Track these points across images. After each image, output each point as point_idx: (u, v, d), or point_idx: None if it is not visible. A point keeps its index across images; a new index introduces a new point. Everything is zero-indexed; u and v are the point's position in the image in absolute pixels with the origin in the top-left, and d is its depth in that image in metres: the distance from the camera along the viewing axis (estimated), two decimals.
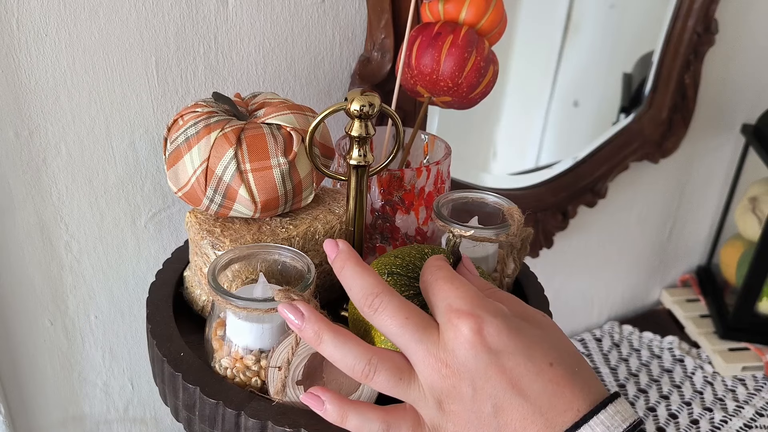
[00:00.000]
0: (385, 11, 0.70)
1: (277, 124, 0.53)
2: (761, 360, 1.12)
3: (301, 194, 0.55)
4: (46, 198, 0.66)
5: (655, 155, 1.07)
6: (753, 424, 1.01)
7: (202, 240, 0.53)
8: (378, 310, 0.40)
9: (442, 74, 0.58)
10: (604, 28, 0.97)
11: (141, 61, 0.64)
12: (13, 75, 0.59)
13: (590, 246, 1.14)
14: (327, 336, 0.41)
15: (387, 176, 0.59)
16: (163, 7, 0.62)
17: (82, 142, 0.65)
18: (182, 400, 0.48)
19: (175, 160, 0.53)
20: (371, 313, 0.40)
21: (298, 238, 0.54)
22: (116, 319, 0.75)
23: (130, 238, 0.72)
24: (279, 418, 0.44)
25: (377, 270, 0.48)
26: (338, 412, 0.41)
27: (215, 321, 0.50)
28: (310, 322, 0.41)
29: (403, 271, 0.47)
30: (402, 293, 0.45)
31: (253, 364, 0.47)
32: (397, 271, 0.47)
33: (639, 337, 1.19)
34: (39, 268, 0.69)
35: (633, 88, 1.03)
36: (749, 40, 1.07)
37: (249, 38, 0.68)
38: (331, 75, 0.74)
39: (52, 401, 0.76)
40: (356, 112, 0.49)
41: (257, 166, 0.51)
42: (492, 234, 0.55)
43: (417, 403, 0.40)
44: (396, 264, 0.48)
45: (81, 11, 0.59)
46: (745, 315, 1.14)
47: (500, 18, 0.60)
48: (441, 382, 0.38)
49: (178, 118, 0.54)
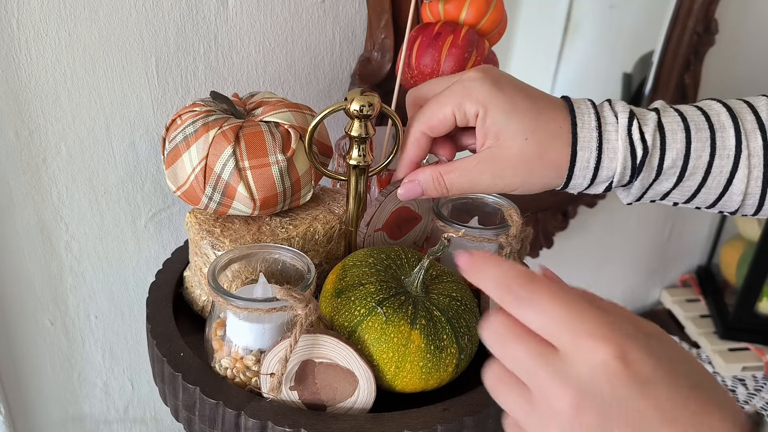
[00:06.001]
0: (385, 11, 0.70)
1: (275, 122, 0.53)
2: (761, 360, 1.12)
3: (300, 191, 0.55)
4: (46, 198, 0.66)
5: None
6: None
7: (202, 240, 0.53)
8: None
9: (442, 74, 0.58)
10: (604, 28, 0.97)
11: (141, 61, 0.64)
12: (13, 75, 0.59)
13: (590, 246, 1.14)
14: None
15: (387, 176, 0.59)
16: (163, 7, 0.62)
17: (82, 142, 0.65)
18: (182, 400, 0.48)
19: (173, 159, 0.53)
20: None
21: (298, 238, 0.54)
22: (116, 319, 0.75)
23: (130, 238, 0.72)
24: (279, 418, 0.44)
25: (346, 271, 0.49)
26: None
27: (215, 321, 0.50)
28: None
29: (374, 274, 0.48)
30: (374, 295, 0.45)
31: (253, 364, 0.47)
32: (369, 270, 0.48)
33: None
34: (39, 268, 0.69)
35: (633, 88, 1.03)
36: (749, 40, 1.07)
37: (249, 38, 0.68)
38: (331, 75, 0.74)
39: (52, 401, 0.76)
40: (356, 112, 0.49)
41: (256, 164, 0.51)
42: (492, 234, 0.55)
43: None
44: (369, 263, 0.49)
45: (81, 11, 0.59)
46: (745, 315, 1.14)
47: (500, 18, 0.60)
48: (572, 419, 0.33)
49: (176, 117, 0.54)
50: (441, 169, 0.50)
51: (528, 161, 0.47)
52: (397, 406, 0.46)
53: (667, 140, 0.47)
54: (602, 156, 0.47)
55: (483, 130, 0.47)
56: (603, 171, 0.47)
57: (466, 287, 0.51)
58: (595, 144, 0.47)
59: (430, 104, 0.49)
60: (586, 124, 0.47)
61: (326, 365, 0.46)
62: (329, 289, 0.49)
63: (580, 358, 0.32)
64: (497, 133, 0.47)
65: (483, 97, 0.47)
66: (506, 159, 0.47)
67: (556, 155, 0.47)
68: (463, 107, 0.47)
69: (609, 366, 0.32)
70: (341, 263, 0.50)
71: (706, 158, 0.47)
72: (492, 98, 0.47)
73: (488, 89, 0.47)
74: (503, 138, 0.47)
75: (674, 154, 0.47)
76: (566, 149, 0.47)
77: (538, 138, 0.47)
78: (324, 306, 0.48)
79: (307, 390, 0.46)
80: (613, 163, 0.47)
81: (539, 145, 0.47)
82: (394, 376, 0.46)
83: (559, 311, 0.33)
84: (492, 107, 0.47)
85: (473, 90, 0.47)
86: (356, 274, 0.48)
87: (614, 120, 0.47)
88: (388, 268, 0.49)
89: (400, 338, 0.45)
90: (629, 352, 0.32)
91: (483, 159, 0.48)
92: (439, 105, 0.48)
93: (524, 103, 0.47)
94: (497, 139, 0.47)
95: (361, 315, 0.46)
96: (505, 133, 0.47)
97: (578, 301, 0.33)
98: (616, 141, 0.47)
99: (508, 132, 0.47)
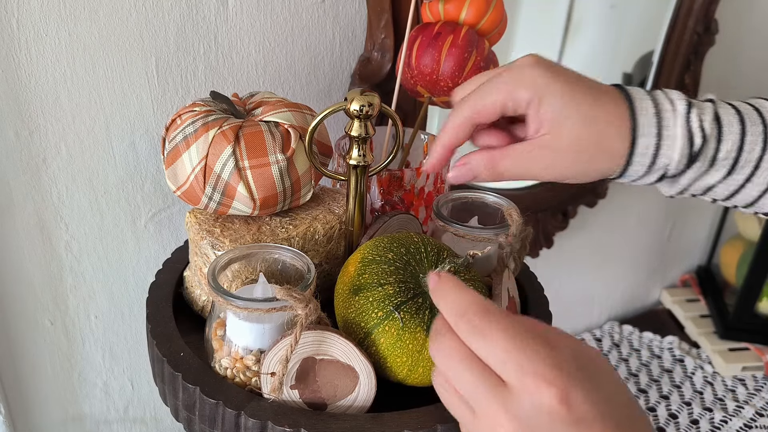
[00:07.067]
0: (385, 11, 0.70)
1: (274, 122, 0.53)
2: (761, 360, 1.12)
3: (300, 191, 0.55)
4: (46, 198, 0.66)
5: None
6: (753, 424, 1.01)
7: (202, 240, 0.53)
8: None
9: (442, 74, 0.58)
10: (605, 28, 0.97)
11: (141, 61, 0.64)
12: (13, 75, 0.59)
13: (590, 246, 1.14)
14: None
15: (387, 176, 0.59)
16: (163, 7, 0.62)
17: (82, 142, 0.65)
18: (182, 400, 0.48)
19: (173, 159, 0.53)
20: None
21: (298, 238, 0.54)
22: (116, 319, 0.75)
23: (130, 238, 0.72)
24: (279, 418, 0.44)
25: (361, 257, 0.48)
26: None
27: (215, 321, 0.50)
28: None
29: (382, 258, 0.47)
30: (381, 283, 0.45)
31: (253, 364, 0.47)
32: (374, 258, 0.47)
33: (639, 337, 1.19)
34: (39, 268, 0.69)
35: None
36: (749, 40, 1.07)
37: (249, 38, 0.68)
38: (331, 75, 0.74)
39: (52, 401, 0.76)
40: (356, 112, 0.49)
41: (255, 163, 0.51)
42: (492, 234, 0.55)
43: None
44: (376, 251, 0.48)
45: (81, 11, 0.59)
46: (745, 315, 1.14)
47: (500, 18, 0.60)
48: None
49: (176, 117, 0.54)
50: (495, 154, 0.48)
51: (585, 149, 0.46)
52: (397, 406, 0.46)
53: (723, 130, 0.46)
54: (661, 143, 0.46)
55: (537, 117, 0.46)
56: (661, 158, 0.46)
57: (482, 285, 0.51)
58: (655, 131, 0.46)
59: (479, 90, 0.47)
60: (644, 110, 0.46)
61: (327, 362, 0.46)
62: (347, 282, 0.48)
63: (525, 395, 0.34)
64: (553, 120, 0.45)
65: (539, 83, 0.45)
66: (562, 147, 0.46)
67: (613, 143, 0.46)
68: (516, 94, 0.45)
69: (552, 408, 0.33)
70: (360, 254, 0.49)
71: (758, 152, 0.47)
72: (548, 85, 0.45)
73: (544, 75, 0.45)
74: (559, 125, 0.45)
75: (729, 146, 0.46)
76: (625, 136, 0.45)
77: (595, 125, 0.45)
78: (339, 301, 0.48)
79: (307, 388, 0.46)
80: (670, 150, 0.46)
81: (597, 132, 0.45)
82: (406, 377, 0.47)
83: (509, 346, 0.34)
84: (548, 94, 0.45)
85: (527, 77, 0.45)
86: (375, 272, 0.47)
87: (671, 107, 0.46)
88: (407, 264, 0.48)
89: (416, 344, 0.45)
90: (571, 394, 0.34)
91: (538, 146, 0.46)
92: (489, 91, 0.46)
93: (581, 89, 0.45)
94: (553, 126, 0.45)
95: (378, 318, 0.46)
96: (562, 120, 0.45)
97: (528, 337, 0.35)
98: (674, 128, 0.46)
99: (565, 119, 0.45)
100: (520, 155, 0.47)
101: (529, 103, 0.45)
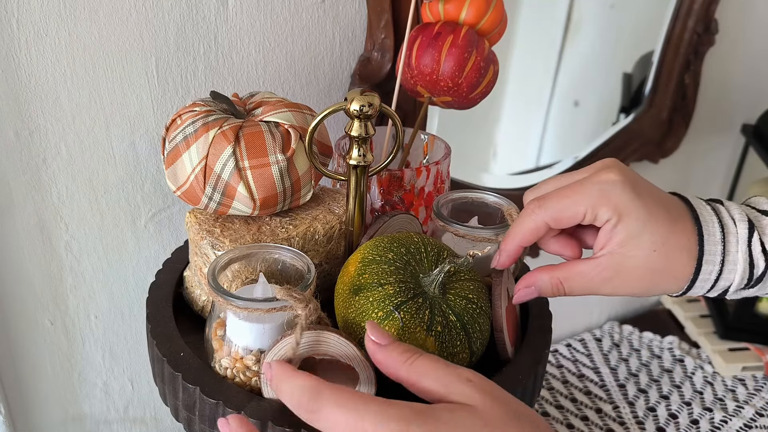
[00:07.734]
0: (385, 11, 0.70)
1: (275, 122, 0.53)
2: (761, 360, 1.12)
3: (300, 191, 0.55)
4: (46, 198, 0.66)
5: (655, 155, 1.07)
6: (753, 424, 1.01)
7: (202, 240, 0.53)
8: None
9: (442, 74, 0.58)
10: (605, 28, 0.97)
11: (141, 61, 0.64)
12: (13, 75, 0.59)
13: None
14: None
15: (387, 176, 0.59)
16: (163, 7, 0.62)
17: (82, 142, 0.65)
18: (182, 400, 0.48)
19: (173, 159, 0.53)
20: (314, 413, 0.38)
21: (298, 239, 0.54)
22: (116, 319, 0.76)
23: (130, 238, 0.72)
24: (279, 418, 0.44)
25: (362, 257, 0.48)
26: None
27: (215, 321, 0.50)
28: None
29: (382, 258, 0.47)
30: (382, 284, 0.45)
31: (253, 364, 0.47)
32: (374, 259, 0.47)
33: (639, 337, 1.19)
34: (39, 268, 0.69)
35: (633, 88, 1.03)
36: (749, 40, 1.07)
37: (249, 38, 0.68)
38: (331, 75, 0.74)
39: (52, 401, 0.76)
40: (356, 112, 0.49)
41: (256, 164, 0.51)
42: (491, 234, 0.55)
43: None
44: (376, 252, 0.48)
45: (81, 11, 0.60)
46: (745, 315, 1.14)
47: (500, 18, 0.60)
48: None
49: (176, 117, 0.54)
50: (560, 274, 0.49)
51: (653, 272, 0.46)
52: None
53: None
54: (723, 268, 0.46)
55: (609, 234, 0.46)
56: (721, 282, 0.47)
57: (482, 285, 0.51)
58: (719, 258, 0.46)
59: (561, 197, 0.47)
60: (711, 236, 0.46)
61: (327, 362, 0.46)
62: (347, 282, 0.48)
63: None
64: (625, 240, 0.46)
65: (622, 204, 0.45)
66: (631, 268, 0.46)
67: (680, 267, 0.46)
68: (597, 210, 0.46)
69: None
70: (360, 254, 0.49)
71: None
72: (630, 207, 0.45)
73: (628, 196, 0.45)
74: (630, 246, 0.46)
75: None
76: (691, 262, 0.46)
77: (666, 250, 0.46)
78: (339, 301, 0.48)
79: None
80: (731, 274, 0.46)
81: (666, 257, 0.46)
82: None
83: (344, 418, 0.37)
84: (627, 215, 0.45)
85: (612, 195, 0.45)
86: (375, 272, 0.47)
87: (735, 230, 0.46)
88: (408, 264, 0.48)
89: (415, 345, 0.45)
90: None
91: (606, 266, 0.47)
92: (572, 201, 0.46)
93: (659, 212, 0.46)
94: (622, 246, 0.46)
95: (378, 318, 0.46)
96: (634, 242, 0.46)
97: (359, 402, 0.37)
98: (736, 253, 0.46)
99: (638, 242, 0.46)
100: (588, 276, 0.48)
101: (608, 221, 0.46)
